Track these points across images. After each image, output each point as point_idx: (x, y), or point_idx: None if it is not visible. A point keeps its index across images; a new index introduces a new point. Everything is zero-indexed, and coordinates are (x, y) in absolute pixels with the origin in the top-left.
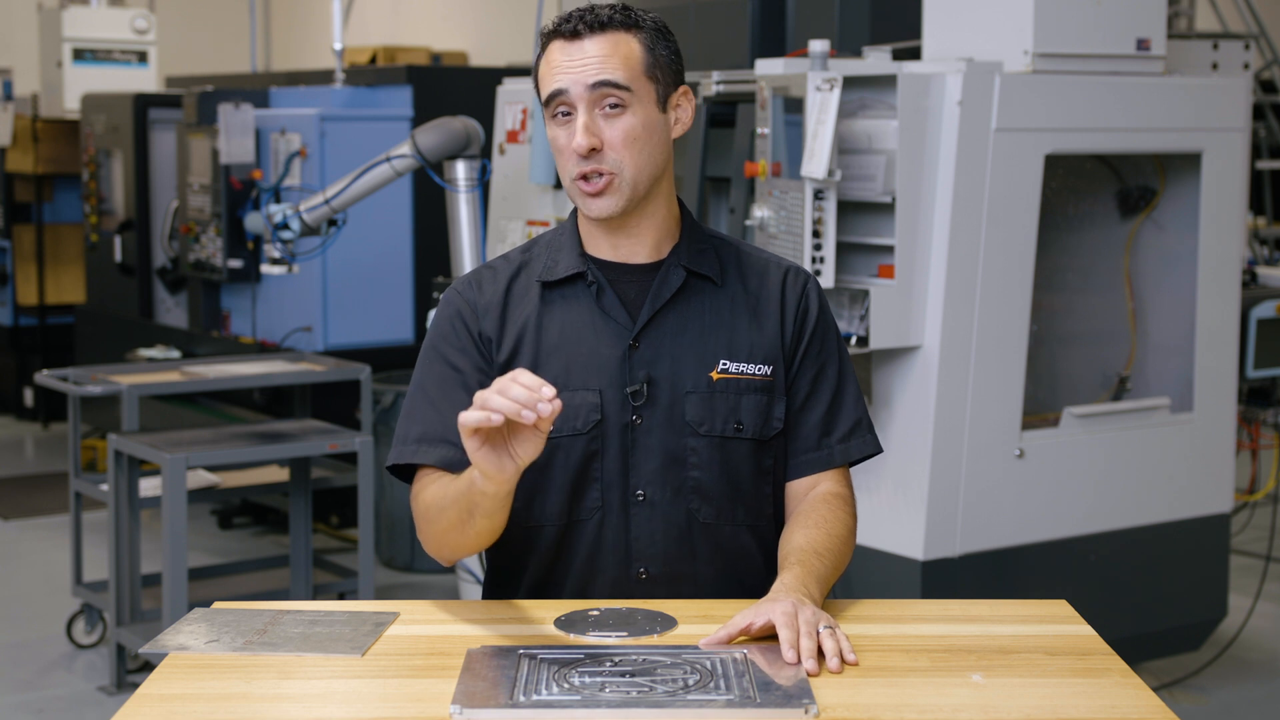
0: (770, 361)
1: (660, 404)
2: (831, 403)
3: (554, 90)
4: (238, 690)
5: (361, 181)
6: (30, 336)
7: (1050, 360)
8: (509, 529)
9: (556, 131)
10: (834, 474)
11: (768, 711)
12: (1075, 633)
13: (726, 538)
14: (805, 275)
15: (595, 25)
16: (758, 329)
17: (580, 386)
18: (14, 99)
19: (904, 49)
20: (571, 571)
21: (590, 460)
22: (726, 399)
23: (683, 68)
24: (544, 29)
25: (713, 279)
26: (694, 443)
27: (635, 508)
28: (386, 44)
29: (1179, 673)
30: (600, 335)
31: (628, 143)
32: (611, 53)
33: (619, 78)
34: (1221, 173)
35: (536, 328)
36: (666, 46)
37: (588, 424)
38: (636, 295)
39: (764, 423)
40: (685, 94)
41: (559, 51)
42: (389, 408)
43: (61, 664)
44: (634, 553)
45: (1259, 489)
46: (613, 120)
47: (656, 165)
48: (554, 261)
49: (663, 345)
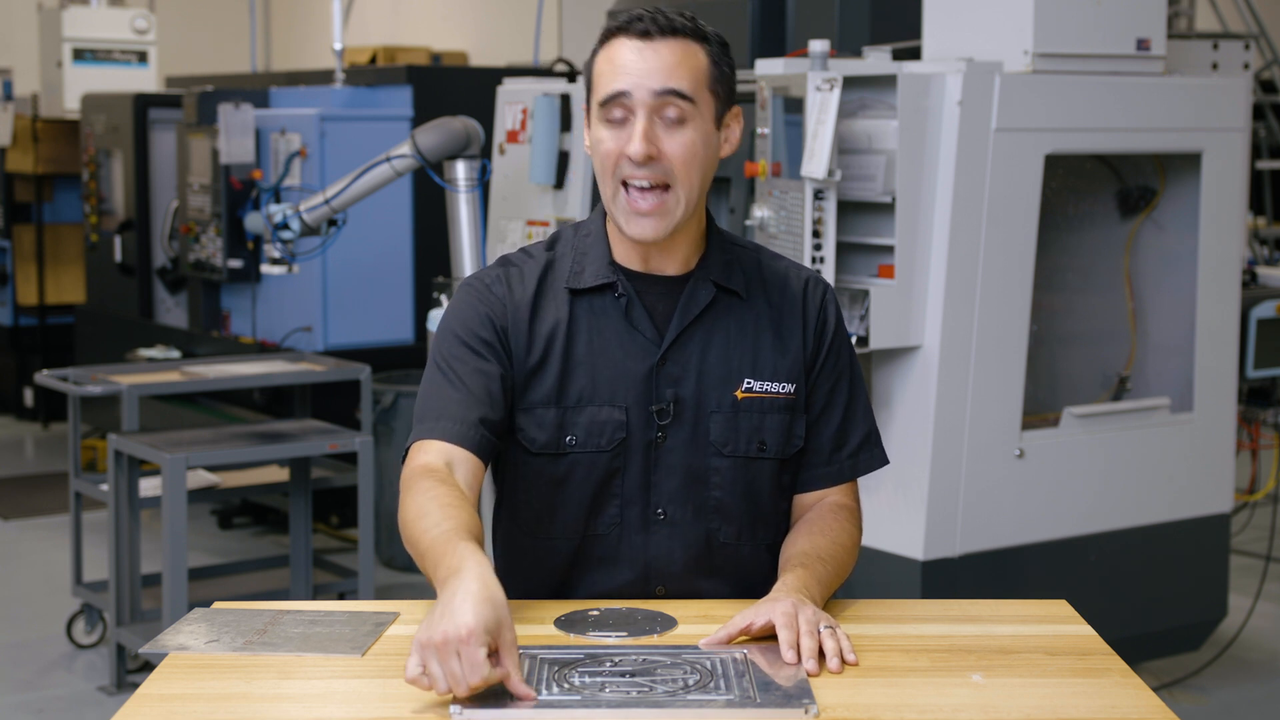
0: (793, 379)
1: (685, 422)
2: (844, 417)
3: (616, 90)
4: (238, 690)
5: (361, 181)
6: (30, 336)
7: (1050, 360)
8: (523, 540)
9: (605, 133)
10: (842, 486)
11: (768, 711)
12: (1075, 633)
13: (745, 558)
14: (824, 286)
15: (668, 29)
16: (781, 345)
17: (606, 402)
18: (14, 99)
19: (904, 49)
20: (587, 584)
21: (611, 477)
22: (750, 418)
23: (735, 87)
24: (609, 25)
25: (739, 293)
26: (717, 463)
27: (655, 525)
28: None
29: (1179, 673)
30: (627, 350)
31: (687, 159)
32: (681, 61)
33: (686, 88)
34: (1221, 173)
35: (566, 337)
36: (729, 63)
37: (612, 441)
38: (664, 309)
39: (786, 441)
40: (737, 115)
41: (626, 50)
42: (389, 408)
43: (61, 664)
44: (652, 571)
45: (1259, 489)
46: (673, 132)
47: (705, 183)
48: (580, 266)
49: (689, 362)
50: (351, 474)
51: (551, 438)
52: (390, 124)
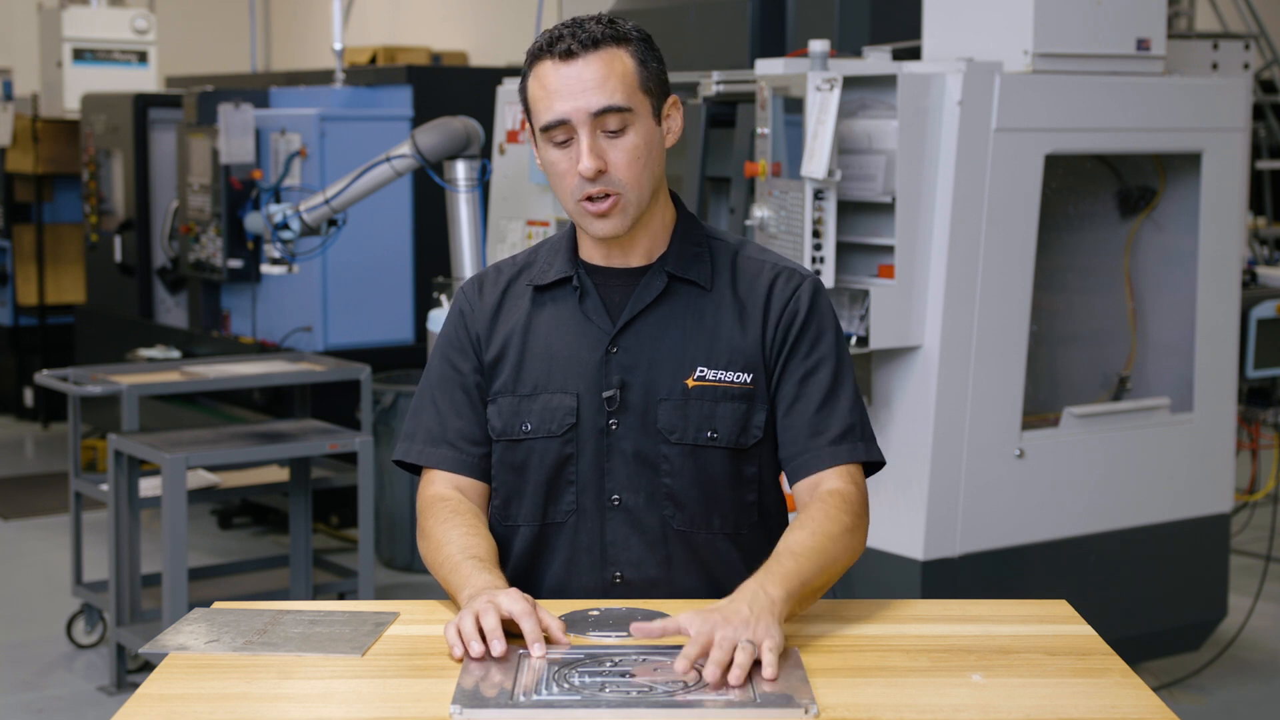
0: (751, 369)
1: (634, 409)
2: (822, 405)
3: (554, 120)
4: (238, 690)
5: (361, 181)
6: (30, 336)
7: (1050, 360)
8: (497, 527)
9: (555, 155)
10: (836, 472)
11: (768, 711)
12: (1075, 633)
13: (701, 545)
14: (800, 278)
15: (589, 43)
16: (741, 335)
17: (559, 390)
18: (14, 99)
19: (904, 49)
20: (549, 573)
21: (565, 463)
22: (701, 407)
23: (668, 78)
24: (532, 48)
25: (699, 284)
26: (666, 450)
27: (610, 512)
28: (386, 44)
29: (1179, 673)
30: (580, 339)
31: (632, 163)
32: (608, 74)
33: (619, 100)
34: (1221, 173)
35: (524, 330)
36: (655, 57)
37: (562, 427)
38: (622, 300)
39: (741, 431)
40: (675, 103)
41: (553, 74)
42: (389, 408)
43: (61, 664)
44: (609, 557)
45: (1259, 489)
46: (615, 141)
47: (656, 178)
48: (549, 265)
49: (641, 350)
50: (351, 474)
51: (508, 425)
52: (390, 124)
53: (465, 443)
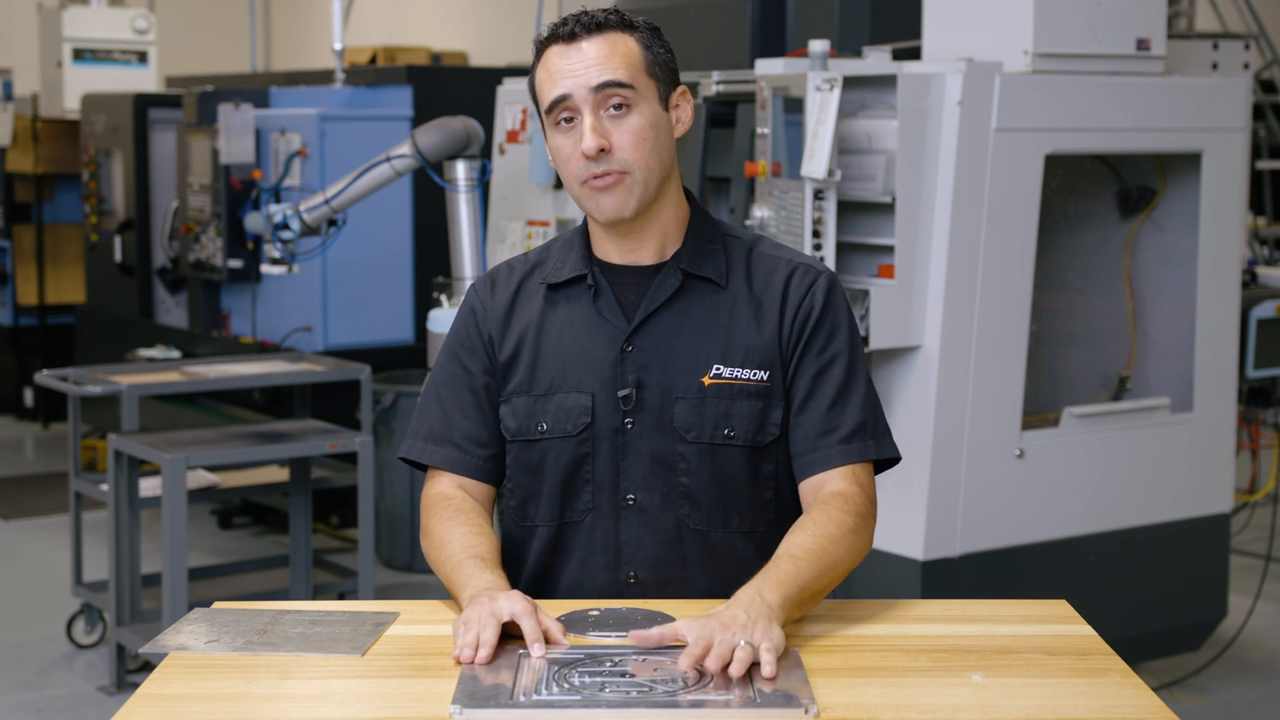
0: (767, 366)
1: (650, 409)
2: (834, 402)
3: (557, 96)
4: (238, 690)
5: (361, 181)
6: (30, 336)
7: (1050, 360)
8: (513, 528)
9: (560, 139)
10: (840, 472)
11: (768, 711)
12: (1075, 633)
13: (718, 544)
14: (816, 273)
15: (592, 27)
16: (757, 332)
17: (574, 389)
18: (14, 99)
19: (904, 49)
20: (565, 572)
21: (581, 463)
22: (718, 405)
23: (678, 69)
24: (537, 37)
25: (715, 281)
26: (683, 449)
27: (625, 511)
28: (386, 44)
29: (1179, 673)
30: (595, 337)
31: (637, 142)
32: (611, 53)
33: (622, 76)
34: (1221, 173)
35: (538, 329)
36: (662, 46)
37: (578, 426)
38: (635, 298)
39: (758, 429)
40: (684, 94)
41: (557, 57)
42: (389, 408)
43: (61, 664)
44: (623, 557)
45: (1259, 489)
46: (619, 121)
47: (665, 164)
48: (562, 263)
49: (656, 349)
50: (351, 474)
51: (524, 425)
52: (390, 124)
53: (470, 444)
